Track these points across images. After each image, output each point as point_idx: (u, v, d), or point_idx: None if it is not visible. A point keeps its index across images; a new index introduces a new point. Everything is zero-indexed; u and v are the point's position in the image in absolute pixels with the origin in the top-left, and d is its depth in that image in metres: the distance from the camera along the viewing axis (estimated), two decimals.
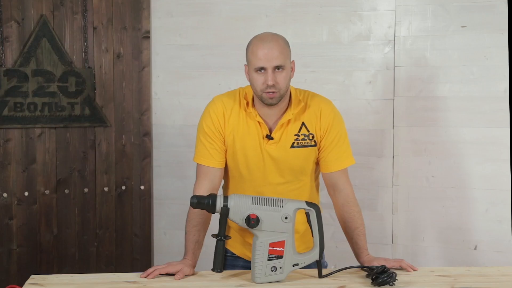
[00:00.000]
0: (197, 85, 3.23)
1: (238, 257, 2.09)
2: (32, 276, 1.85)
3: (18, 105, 3.12)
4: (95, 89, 3.22)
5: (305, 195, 2.03)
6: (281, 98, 1.91)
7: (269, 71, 1.86)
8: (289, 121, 1.97)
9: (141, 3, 3.25)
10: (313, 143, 1.99)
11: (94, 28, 3.21)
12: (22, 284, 1.80)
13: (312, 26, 3.10)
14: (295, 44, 3.06)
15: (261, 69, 1.87)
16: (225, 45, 3.19)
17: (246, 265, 2.06)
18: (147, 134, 3.31)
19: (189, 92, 3.25)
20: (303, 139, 1.98)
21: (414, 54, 3.00)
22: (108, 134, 3.26)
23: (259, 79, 1.88)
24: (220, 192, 2.10)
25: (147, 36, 3.27)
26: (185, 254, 1.94)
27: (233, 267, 2.05)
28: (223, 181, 2.11)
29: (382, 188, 3.07)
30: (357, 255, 1.99)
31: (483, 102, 2.92)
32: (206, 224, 1.98)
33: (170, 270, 1.86)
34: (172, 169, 3.30)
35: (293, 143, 1.97)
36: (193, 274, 1.89)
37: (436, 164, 3.00)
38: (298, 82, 2.32)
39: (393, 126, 3.04)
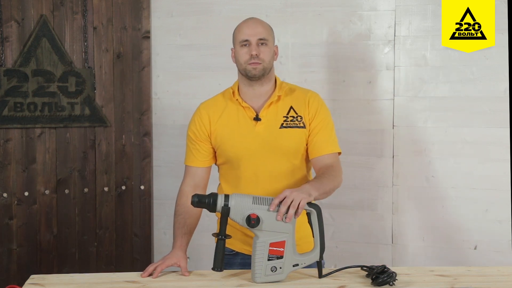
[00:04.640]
0: (197, 85, 3.23)
1: (236, 254, 2.09)
2: (32, 276, 1.85)
3: (18, 105, 3.12)
4: (95, 89, 3.22)
5: (299, 176, 2.04)
6: (264, 71, 1.99)
7: (253, 43, 1.98)
8: (277, 100, 2.03)
9: (141, 3, 3.25)
10: (301, 124, 2.02)
11: (94, 28, 3.21)
12: (22, 284, 1.80)
13: (312, 26, 3.10)
14: (295, 44, 3.10)
15: (246, 42, 1.98)
16: (225, 45, 3.15)
17: (244, 262, 2.06)
18: (147, 134, 3.31)
19: (189, 92, 3.24)
20: (292, 120, 2.02)
21: (414, 54, 3.00)
22: (108, 134, 3.26)
23: (243, 51, 1.99)
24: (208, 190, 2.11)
25: (147, 36, 3.27)
26: (174, 242, 1.99)
27: (230, 265, 2.05)
28: (220, 174, 2.12)
29: (382, 188, 3.07)
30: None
31: (483, 102, 2.92)
32: (190, 212, 2.01)
33: (169, 263, 1.90)
34: (172, 169, 3.29)
35: (282, 123, 2.01)
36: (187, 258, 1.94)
37: (436, 164, 3.00)
38: (298, 82, 2.33)
39: (393, 126, 3.04)
